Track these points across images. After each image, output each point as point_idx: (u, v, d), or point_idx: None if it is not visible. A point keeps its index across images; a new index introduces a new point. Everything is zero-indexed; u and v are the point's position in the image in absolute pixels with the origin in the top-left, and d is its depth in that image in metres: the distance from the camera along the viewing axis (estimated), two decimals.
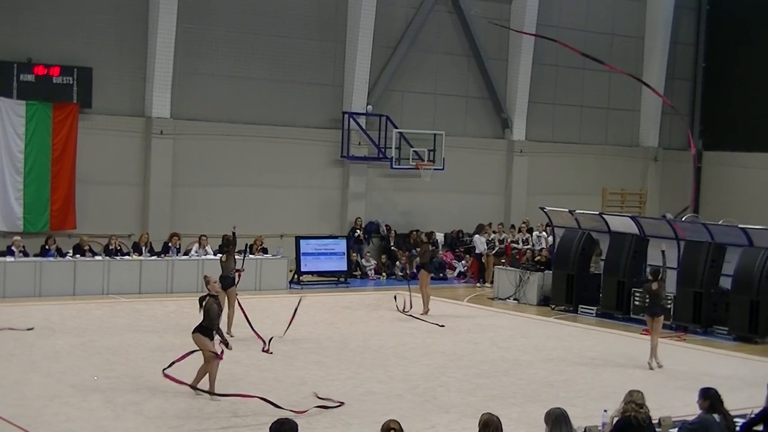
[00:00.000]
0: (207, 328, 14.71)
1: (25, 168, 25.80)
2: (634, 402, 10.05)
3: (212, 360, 14.55)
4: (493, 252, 29.47)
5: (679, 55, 38.20)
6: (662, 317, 18.49)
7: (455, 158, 31.82)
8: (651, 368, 17.89)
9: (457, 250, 31.51)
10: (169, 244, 25.74)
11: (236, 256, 20.38)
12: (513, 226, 31.38)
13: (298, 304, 19.51)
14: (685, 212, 32.17)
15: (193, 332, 14.78)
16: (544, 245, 28.41)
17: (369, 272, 29.69)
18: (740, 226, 23.41)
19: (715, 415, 10.29)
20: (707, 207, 37.89)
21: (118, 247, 25.28)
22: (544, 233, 28.81)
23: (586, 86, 36.15)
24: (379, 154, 30.76)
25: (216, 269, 20.00)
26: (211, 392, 14.47)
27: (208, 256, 25.49)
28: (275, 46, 29.60)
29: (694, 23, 38.77)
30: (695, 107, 38.99)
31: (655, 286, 18.25)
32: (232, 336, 18.61)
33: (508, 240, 29.99)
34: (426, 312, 23.02)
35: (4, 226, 25.55)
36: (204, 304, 14.78)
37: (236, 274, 19.87)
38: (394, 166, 30.82)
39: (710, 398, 10.48)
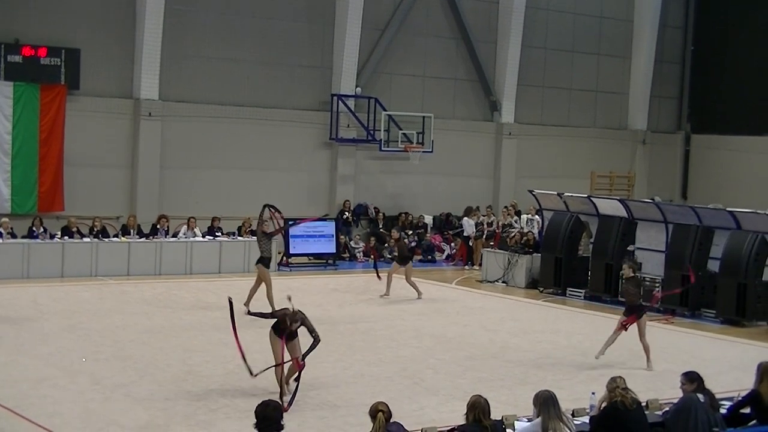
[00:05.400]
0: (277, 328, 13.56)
1: (12, 149, 25.70)
2: (619, 387, 10.09)
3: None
4: (482, 236, 29.43)
5: (667, 38, 38.22)
6: None
7: (444, 141, 31.80)
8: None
9: (446, 234, 31.49)
10: (158, 226, 25.70)
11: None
12: (502, 214, 30.50)
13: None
14: None
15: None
16: (535, 229, 28.34)
17: (357, 255, 29.71)
18: (728, 209, 23.46)
19: (699, 395, 10.36)
20: (695, 190, 38.08)
21: (101, 228, 25.16)
22: (536, 217, 28.76)
23: (574, 69, 36.16)
24: (368, 136, 30.73)
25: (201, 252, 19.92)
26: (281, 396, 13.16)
27: (197, 239, 25.48)
28: (264, 28, 29.50)
29: (683, 7, 38.80)
30: (683, 90, 39.07)
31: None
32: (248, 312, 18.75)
33: (497, 226, 29.73)
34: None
35: None
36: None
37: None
38: (382, 149, 30.84)
39: (696, 380, 10.56)
